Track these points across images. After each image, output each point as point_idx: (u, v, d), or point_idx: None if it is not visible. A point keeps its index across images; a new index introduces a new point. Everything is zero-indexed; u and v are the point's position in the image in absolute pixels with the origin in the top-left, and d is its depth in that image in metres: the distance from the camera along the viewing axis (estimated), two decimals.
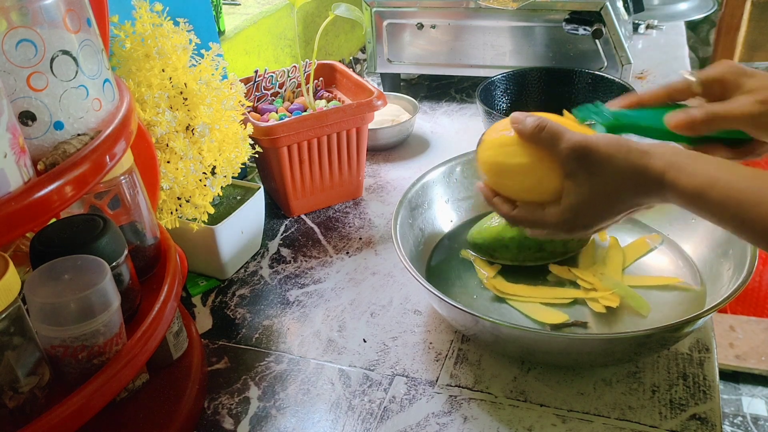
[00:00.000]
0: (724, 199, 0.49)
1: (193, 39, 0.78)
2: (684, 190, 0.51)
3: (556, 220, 0.58)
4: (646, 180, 0.53)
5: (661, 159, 0.53)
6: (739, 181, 0.49)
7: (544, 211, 0.59)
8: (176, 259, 0.67)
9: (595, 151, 0.55)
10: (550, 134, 0.57)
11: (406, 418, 0.65)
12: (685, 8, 1.73)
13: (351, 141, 0.96)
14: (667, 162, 0.53)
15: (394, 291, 0.83)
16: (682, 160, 0.52)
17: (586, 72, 1.15)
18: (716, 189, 0.50)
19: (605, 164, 0.55)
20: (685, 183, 0.51)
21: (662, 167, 0.53)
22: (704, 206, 0.51)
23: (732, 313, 1.94)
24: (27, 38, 0.47)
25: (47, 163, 0.47)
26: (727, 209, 0.49)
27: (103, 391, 0.51)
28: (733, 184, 0.49)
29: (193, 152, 0.77)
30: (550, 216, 0.59)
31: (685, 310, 0.72)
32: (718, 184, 0.50)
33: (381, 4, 1.25)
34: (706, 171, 0.51)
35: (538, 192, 0.60)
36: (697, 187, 0.51)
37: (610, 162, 0.54)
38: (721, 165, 0.51)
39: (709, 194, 0.50)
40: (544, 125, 0.58)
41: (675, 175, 0.52)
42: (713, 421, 0.62)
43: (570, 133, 0.57)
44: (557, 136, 0.57)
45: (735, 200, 0.49)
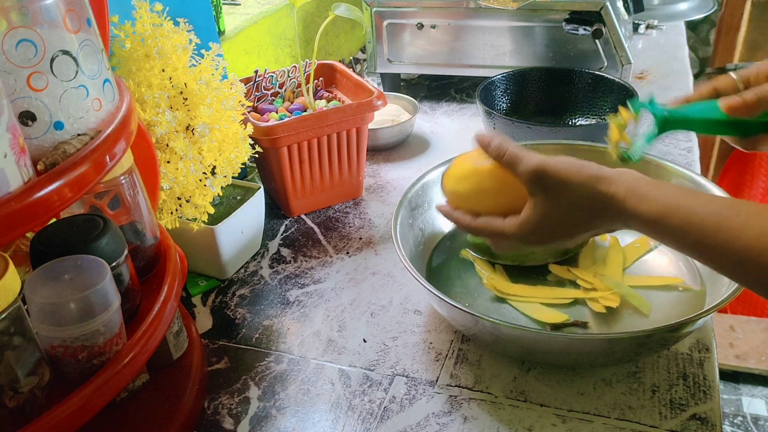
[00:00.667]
0: (684, 226, 0.50)
1: (193, 39, 0.78)
2: (644, 217, 0.52)
3: (512, 231, 0.60)
4: (605, 206, 0.54)
5: (622, 185, 0.54)
6: (698, 207, 0.50)
7: (503, 221, 0.61)
8: (176, 259, 0.67)
9: (551, 175, 0.56)
10: (510, 158, 0.60)
11: (406, 418, 0.65)
12: (685, 8, 1.73)
13: (351, 141, 0.96)
14: (627, 189, 0.53)
15: (394, 291, 0.83)
16: (642, 187, 0.53)
17: (586, 72, 1.15)
18: (677, 216, 0.50)
19: (561, 188, 0.56)
20: (644, 209, 0.52)
21: (623, 194, 0.53)
22: (665, 232, 0.52)
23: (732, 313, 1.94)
24: (27, 38, 0.47)
25: (47, 163, 0.47)
26: (688, 236, 0.50)
27: (103, 391, 0.51)
28: (693, 210, 0.50)
29: (193, 152, 0.77)
30: (508, 226, 0.61)
31: (685, 310, 0.72)
32: (678, 211, 0.50)
33: (381, 4, 1.25)
34: (665, 197, 0.51)
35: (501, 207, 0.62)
36: (657, 214, 0.51)
37: (566, 186, 0.56)
38: (681, 191, 0.52)
39: (669, 221, 0.51)
40: (504, 151, 0.60)
41: (636, 201, 0.52)
42: (713, 421, 0.62)
43: (528, 156, 0.58)
44: (516, 160, 0.59)
45: (695, 226, 0.49)
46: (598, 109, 1.14)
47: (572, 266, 0.80)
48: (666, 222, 0.51)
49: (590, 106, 1.15)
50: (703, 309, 0.63)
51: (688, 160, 1.05)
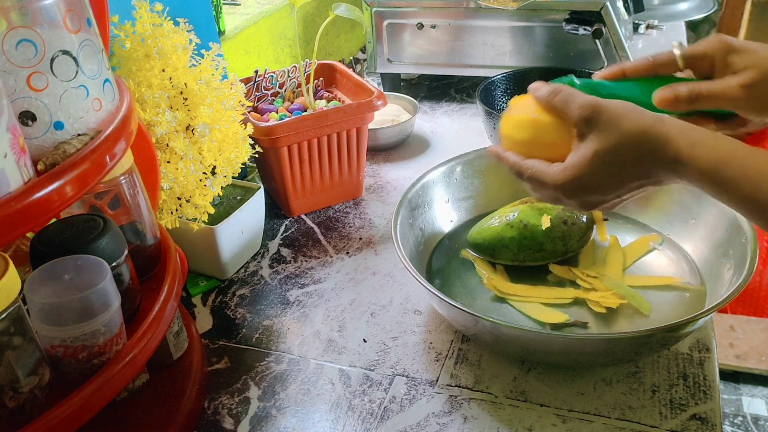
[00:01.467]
0: (739, 177, 0.48)
1: (193, 39, 0.78)
2: (698, 164, 0.49)
3: (556, 177, 0.56)
4: (659, 147, 0.51)
5: (675, 128, 0.51)
6: (756, 159, 0.48)
7: (549, 166, 0.57)
8: (176, 259, 0.67)
9: (605, 111, 0.53)
10: (563, 97, 0.56)
11: (406, 418, 0.65)
12: (685, 8, 1.73)
13: (351, 141, 0.96)
14: (681, 132, 0.51)
15: (395, 291, 0.83)
16: (698, 133, 0.51)
17: (587, 72, 1.15)
18: (732, 165, 0.48)
19: (614, 125, 0.53)
20: (698, 155, 0.49)
21: (676, 136, 0.51)
22: (718, 183, 0.49)
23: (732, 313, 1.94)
24: (27, 38, 0.47)
25: (47, 163, 0.47)
26: (742, 187, 0.48)
27: (103, 391, 0.51)
28: (749, 162, 0.48)
29: (193, 152, 0.77)
30: (551, 171, 0.57)
31: (685, 310, 0.72)
32: (734, 160, 0.48)
33: (381, 4, 1.25)
34: (722, 146, 0.49)
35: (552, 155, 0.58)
36: (712, 162, 0.49)
37: (620, 123, 0.52)
38: (736, 142, 0.50)
39: (724, 170, 0.48)
40: (559, 90, 0.57)
41: (689, 145, 0.50)
42: (713, 421, 0.62)
43: (582, 95, 0.56)
44: (569, 98, 0.56)
45: (752, 179, 0.47)
46: None
47: (572, 266, 0.80)
48: (721, 171, 0.48)
49: None
50: (703, 309, 0.63)
51: None
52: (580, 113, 0.54)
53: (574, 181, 0.55)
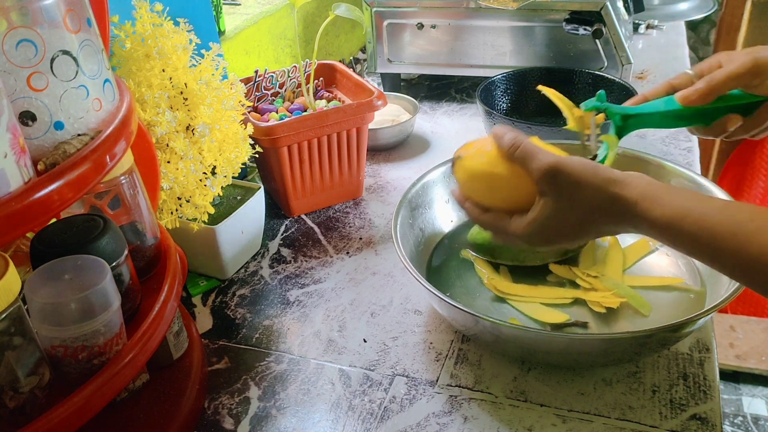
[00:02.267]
0: (696, 231, 0.50)
1: (193, 39, 0.78)
2: (656, 221, 0.52)
3: (519, 231, 0.60)
4: (617, 209, 0.54)
5: (635, 189, 0.53)
6: (712, 212, 0.50)
7: (510, 219, 0.61)
8: (176, 259, 0.67)
9: (566, 174, 0.55)
10: (523, 153, 0.59)
11: (406, 418, 0.65)
12: (685, 8, 1.73)
13: (351, 141, 0.96)
14: (640, 192, 0.53)
15: (395, 291, 0.83)
16: (655, 191, 0.53)
17: (587, 72, 1.15)
18: (689, 220, 0.50)
19: (575, 187, 0.55)
20: (657, 214, 0.52)
21: (635, 197, 0.53)
22: (677, 237, 0.51)
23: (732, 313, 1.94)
24: (27, 38, 0.47)
25: (47, 163, 0.47)
26: (701, 240, 0.50)
27: (103, 391, 0.51)
28: (706, 215, 0.50)
29: (194, 152, 0.77)
30: (514, 226, 0.60)
31: (685, 310, 0.72)
32: (690, 215, 0.50)
33: (381, 4, 1.25)
34: (678, 202, 0.51)
35: (510, 203, 0.61)
36: (669, 218, 0.51)
37: (580, 186, 0.55)
38: (694, 196, 0.52)
39: (681, 225, 0.50)
40: (518, 144, 0.59)
41: (648, 205, 0.52)
42: (713, 421, 0.62)
43: (543, 153, 0.57)
44: (530, 156, 0.58)
45: (708, 231, 0.49)
46: None
47: (572, 266, 0.80)
48: (678, 226, 0.50)
49: None
50: (704, 309, 0.63)
51: (688, 160, 1.06)
52: (539, 174, 0.57)
53: (536, 235, 0.59)
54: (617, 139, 0.66)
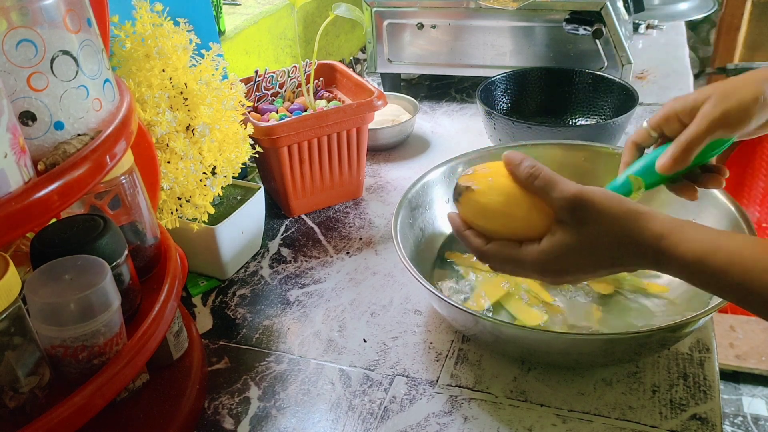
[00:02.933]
0: (726, 266, 0.48)
1: (193, 39, 0.78)
2: (683, 257, 0.50)
3: (532, 258, 0.56)
4: (640, 243, 0.52)
5: (660, 223, 0.52)
6: (742, 247, 0.48)
7: (520, 248, 0.57)
8: (176, 259, 0.67)
9: (590, 204, 0.53)
10: (544, 182, 0.56)
11: (406, 418, 0.65)
12: (685, 8, 1.73)
13: (351, 141, 0.96)
14: (665, 227, 0.51)
15: (395, 291, 0.83)
16: (681, 227, 0.51)
17: (587, 72, 1.15)
18: (718, 255, 0.48)
19: (598, 218, 0.53)
20: (684, 249, 0.50)
21: (660, 232, 0.51)
22: (704, 273, 0.49)
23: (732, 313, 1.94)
24: (27, 38, 0.47)
25: (47, 163, 0.47)
26: (731, 276, 0.48)
27: (103, 391, 0.51)
28: (736, 250, 0.48)
29: (194, 152, 0.77)
30: (526, 254, 0.56)
31: (685, 310, 0.72)
32: (720, 250, 0.48)
33: (381, 4, 1.25)
34: (707, 237, 0.50)
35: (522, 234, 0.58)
36: (697, 253, 0.49)
37: (604, 217, 0.53)
38: (722, 232, 0.51)
39: (710, 260, 0.48)
40: (537, 174, 0.56)
41: (674, 241, 0.50)
42: (713, 421, 0.62)
43: (564, 182, 0.55)
44: (551, 185, 0.55)
45: (739, 266, 0.47)
46: (598, 109, 1.14)
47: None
48: (707, 262, 0.49)
49: (590, 106, 1.15)
50: (704, 309, 0.63)
51: None
52: (561, 204, 0.54)
53: (550, 265, 0.56)
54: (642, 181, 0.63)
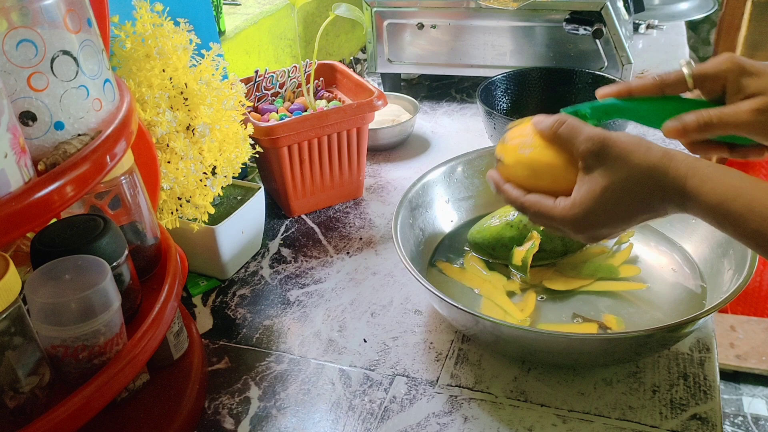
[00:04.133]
0: (746, 212, 0.48)
1: (193, 39, 0.78)
2: (706, 199, 0.50)
3: (564, 213, 0.56)
4: (666, 183, 0.52)
5: (683, 163, 0.51)
6: (764, 194, 0.48)
7: (555, 202, 0.57)
8: (177, 259, 0.67)
9: (613, 146, 0.53)
10: (569, 129, 0.56)
11: (406, 418, 0.65)
12: (685, 8, 1.73)
13: (351, 141, 0.96)
14: (690, 167, 0.51)
15: (395, 291, 0.83)
16: (705, 168, 0.51)
17: (587, 72, 1.15)
18: (739, 200, 0.48)
19: (623, 159, 0.53)
20: (707, 191, 0.50)
21: (684, 172, 0.51)
22: (725, 218, 0.49)
23: (733, 313, 1.94)
24: (27, 38, 0.47)
25: (48, 164, 0.47)
26: (749, 222, 0.48)
27: (103, 391, 0.51)
28: (757, 197, 0.48)
29: (194, 152, 0.77)
30: (559, 208, 0.56)
31: (685, 310, 0.72)
32: (741, 195, 0.48)
33: (381, 4, 1.25)
34: (729, 181, 0.49)
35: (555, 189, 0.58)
36: (719, 197, 0.49)
37: (629, 158, 0.52)
38: (744, 177, 0.50)
39: (731, 205, 0.48)
40: (563, 120, 0.57)
41: (698, 182, 0.50)
42: (714, 421, 0.62)
43: (589, 128, 0.55)
44: (576, 131, 0.56)
45: (759, 214, 0.47)
46: None
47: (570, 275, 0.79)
48: (728, 206, 0.49)
49: None
50: (704, 309, 0.63)
51: None
52: (587, 147, 0.54)
53: (582, 218, 0.55)
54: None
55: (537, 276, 0.79)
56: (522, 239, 0.78)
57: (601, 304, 0.75)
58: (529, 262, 0.77)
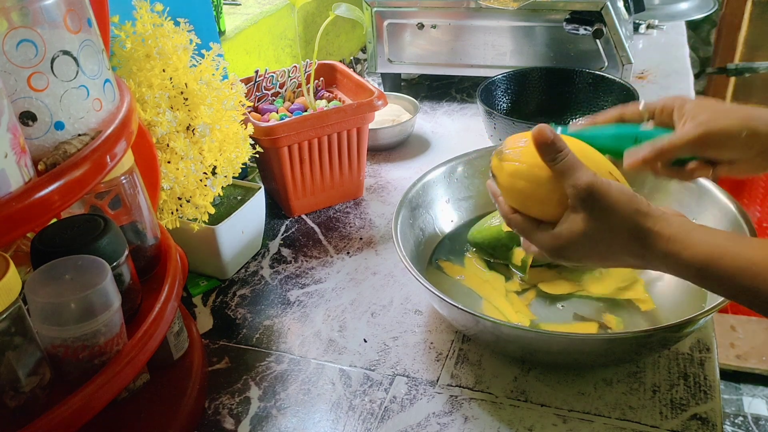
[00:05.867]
0: (734, 271, 0.48)
1: (193, 39, 0.78)
2: (690, 261, 0.50)
3: (544, 241, 0.58)
4: (645, 244, 0.53)
5: (668, 227, 0.52)
6: (750, 251, 0.48)
7: (537, 228, 0.59)
8: (177, 259, 0.67)
9: (600, 197, 0.54)
10: (565, 165, 0.56)
11: (406, 418, 0.65)
12: (685, 8, 1.73)
13: (351, 141, 0.96)
14: (673, 231, 0.52)
15: (395, 291, 0.83)
16: (688, 231, 0.51)
17: (587, 72, 1.15)
18: (725, 259, 0.49)
19: (608, 213, 0.54)
20: (691, 254, 0.50)
21: (668, 235, 0.52)
22: (712, 277, 0.50)
23: (733, 313, 1.93)
24: (27, 38, 0.47)
25: (48, 164, 0.47)
26: (739, 280, 0.48)
27: (103, 391, 0.51)
28: (743, 254, 0.48)
29: (194, 152, 0.77)
30: (540, 236, 0.59)
31: (685, 309, 0.72)
32: (727, 254, 0.49)
33: (381, 4, 1.25)
34: (713, 241, 0.50)
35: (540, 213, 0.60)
36: (705, 257, 0.49)
37: (614, 212, 0.53)
38: (728, 235, 0.51)
39: (717, 265, 0.49)
40: (564, 155, 0.57)
41: (680, 245, 0.51)
42: (714, 421, 0.62)
43: (584, 170, 0.55)
44: (571, 170, 0.56)
45: (748, 271, 0.47)
46: (598, 109, 1.13)
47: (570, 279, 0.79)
48: (714, 266, 0.49)
49: (591, 106, 1.15)
50: (704, 309, 0.63)
51: None
52: (576, 192, 0.55)
53: (560, 249, 0.58)
54: None
55: (537, 276, 0.79)
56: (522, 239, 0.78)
57: (602, 304, 0.75)
58: (529, 262, 0.77)
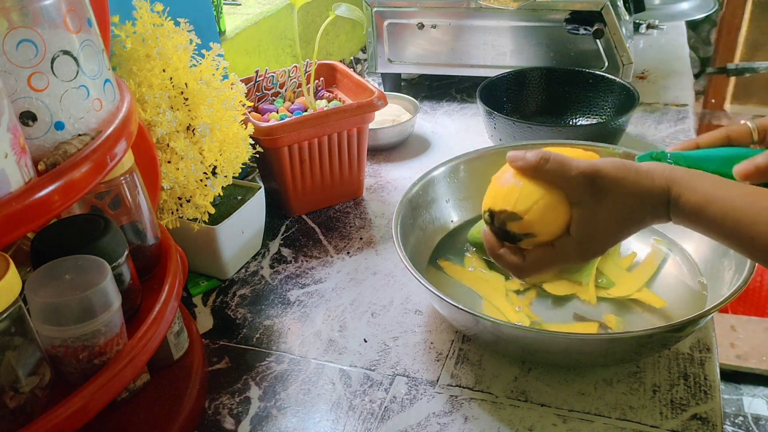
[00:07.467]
0: (721, 216, 0.50)
1: (193, 39, 0.78)
2: (684, 207, 0.52)
3: (568, 252, 0.57)
4: (653, 200, 0.54)
5: (661, 177, 0.54)
6: (735, 198, 0.50)
7: (554, 248, 0.58)
8: (177, 259, 0.67)
9: (604, 176, 0.55)
10: (556, 164, 0.56)
11: (406, 418, 0.65)
12: (686, 8, 1.73)
13: (352, 141, 0.96)
14: (668, 178, 0.54)
15: (395, 291, 0.83)
16: (681, 176, 0.53)
17: (587, 72, 1.15)
18: (714, 205, 0.51)
19: (614, 188, 0.55)
20: (685, 199, 0.52)
21: (665, 185, 0.53)
22: (703, 222, 0.52)
23: (733, 313, 1.93)
24: (28, 38, 0.47)
25: (48, 164, 0.47)
26: (725, 226, 0.50)
27: (103, 391, 0.51)
28: (729, 202, 0.50)
29: (194, 152, 0.77)
30: (561, 251, 0.58)
31: (685, 310, 0.72)
32: (716, 201, 0.51)
33: (382, 4, 1.25)
34: (703, 188, 0.52)
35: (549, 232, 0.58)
36: (696, 204, 0.52)
37: (619, 185, 0.55)
38: (717, 182, 0.52)
39: (707, 211, 0.51)
40: (548, 156, 0.57)
41: (676, 191, 0.53)
42: (714, 421, 0.62)
43: (576, 161, 0.56)
44: (564, 165, 0.56)
45: (732, 218, 0.50)
46: (598, 109, 1.14)
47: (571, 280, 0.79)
48: (704, 212, 0.51)
49: (591, 106, 1.15)
50: (704, 309, 0.63)
51: None
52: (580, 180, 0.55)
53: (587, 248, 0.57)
54: None
55: None
56: None
57: (602, 304, 0.75)
58: None
